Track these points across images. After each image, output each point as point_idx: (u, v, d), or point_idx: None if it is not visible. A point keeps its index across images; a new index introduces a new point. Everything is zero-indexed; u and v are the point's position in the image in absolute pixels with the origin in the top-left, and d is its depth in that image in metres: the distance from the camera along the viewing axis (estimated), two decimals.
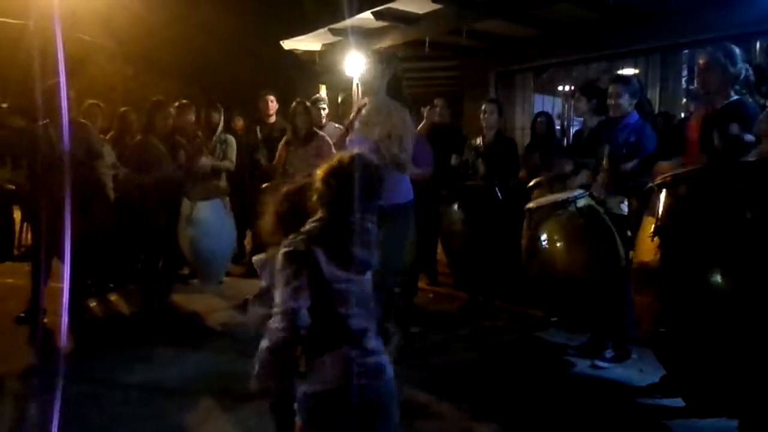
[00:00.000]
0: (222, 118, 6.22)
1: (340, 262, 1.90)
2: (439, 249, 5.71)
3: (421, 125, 6.24)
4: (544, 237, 3.86)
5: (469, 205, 4.86)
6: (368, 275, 2.01)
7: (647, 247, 2.63)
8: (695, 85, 3.63)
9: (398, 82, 3.76)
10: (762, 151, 2.84)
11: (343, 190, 1.95)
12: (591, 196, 3.97)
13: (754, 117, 3.10)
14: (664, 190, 2.64)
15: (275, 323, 1.84)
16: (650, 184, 2.78)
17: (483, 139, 5.33)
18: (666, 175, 2.70)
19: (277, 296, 1.88)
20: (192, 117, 5.88)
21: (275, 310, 1.86)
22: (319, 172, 2.00)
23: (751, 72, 3.38)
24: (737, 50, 3.32)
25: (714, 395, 2.59)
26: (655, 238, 2.56)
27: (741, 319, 2.34)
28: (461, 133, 6.26)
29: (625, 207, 3.93)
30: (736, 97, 3.26)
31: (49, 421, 2.76)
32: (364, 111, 3.78)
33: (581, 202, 3.84)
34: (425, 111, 6.06)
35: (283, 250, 1.90)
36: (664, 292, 2.54)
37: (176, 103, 5.70)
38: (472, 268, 5.03)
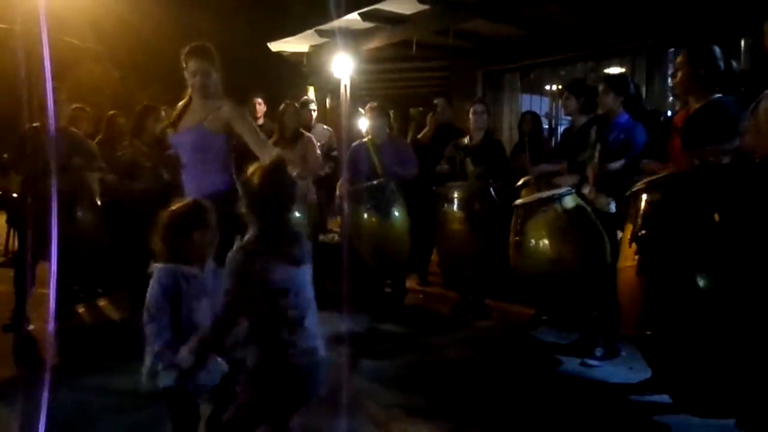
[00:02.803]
0: None
1: (280, 260, 2.19)
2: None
3: (424, 131, 6.24)
4: (529, 233, 3.89)
5: (463, 204, 4.86)
6: (307, 267, 2.29)
7: (627, 253, 2.66)
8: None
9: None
10: (742, 144, 2.85)
11: (272, 198, 2.23)
12: (579, 193, 3.99)
13: (734, 116, 3.09)
14: (640, 196, 2.67)
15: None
16: (628, 192, 2.80)
17: (470, 140, 5.33)
18: (641, 182, 2.73)
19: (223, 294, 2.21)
20: None
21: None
22: (250, 184, 2.24)
23: (735, 67, 3.38)
24: (714, 49, 3.31)
25: (699, 395, 2.61)
26: (633, 244, 2.59)
27: (722, 320, 2.36)
28: (463, 131, 6.28)
29: (613, 206, 3.95)
30: (715, 96, 3.25)
31: (37, 430, 2.73)
32: (192, 106, 3.66)
33: (567, 200, 3.87)
34: (417, 112, 6.06)
35: (229, 260, 2.19)
36: (645, 297, 2.56)
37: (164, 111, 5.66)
38: (466, 267, 5.02)
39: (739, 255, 2.33)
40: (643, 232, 2.56)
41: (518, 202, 4.12)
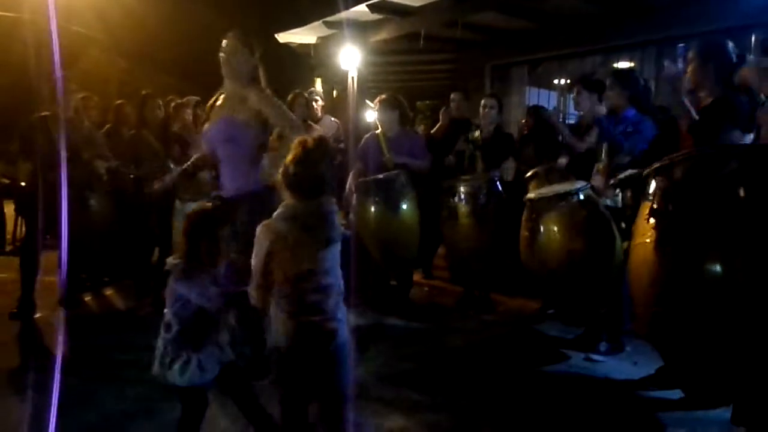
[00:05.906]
0: None
1: (310, 240, 2.17)
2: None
3: (438, 125, 6.21)
4: (546, 228, 3.84)
5: (470, 197, 4.84)
6: (335, 248, 2.26)
7: (643, 229, 2.64)
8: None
9: (256, 70, 3.59)
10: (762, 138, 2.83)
11: (310, 174, 2.17)
12: (591, 188, 3.97)
13: (741, 112, 3.07)
14: (660, 174, 2.65)
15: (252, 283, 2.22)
16: (646, 171, 2.78)
17: (480, 133, 5.33)
18: (662, 160, 2.70)
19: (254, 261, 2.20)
20: (189, 115, 5.87)
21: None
22: (288, 159, 2.20)
23: (749, 60, 3.35)
24: (726, 43, 3.28)
25: (707, 380, 2.60)
26: (651, 221, 2.57)
27: (737, 303, 2.34)
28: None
29: (619, 199, 3.94)
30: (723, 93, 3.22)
31: (43, 419, 2.74)
32: (222, 96, 3.65)
33: (583, 194, 3.84)
34: (424, 105, 6.04)
35: (261, 225, 2.19)
36: (659, 273, 2.55)
37: (172, 103, 5.67)
38: (473, 260, 5.01)
39: (758, 236, 2.32)
40: (669, 207, 2.53)
41: (533, 196, 4.05)
